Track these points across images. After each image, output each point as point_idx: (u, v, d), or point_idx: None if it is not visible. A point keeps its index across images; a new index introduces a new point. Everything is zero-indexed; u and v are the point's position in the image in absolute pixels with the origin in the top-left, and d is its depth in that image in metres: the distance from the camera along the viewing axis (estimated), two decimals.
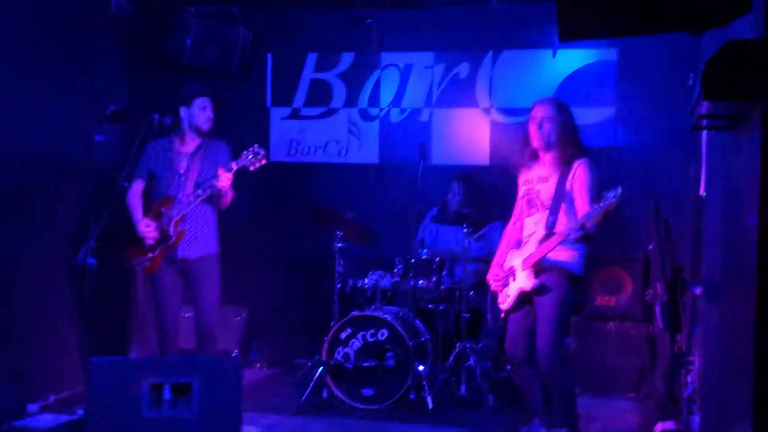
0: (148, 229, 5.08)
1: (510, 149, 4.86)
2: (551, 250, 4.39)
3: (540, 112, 4.58)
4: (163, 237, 5.09)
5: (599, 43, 6.47)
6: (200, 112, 5.18)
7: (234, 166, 5.06)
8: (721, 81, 2.34)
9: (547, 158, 4.60)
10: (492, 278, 4.76)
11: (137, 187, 5.24)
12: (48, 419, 4.91)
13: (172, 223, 5.07)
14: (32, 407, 5.10)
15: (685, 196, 5.70)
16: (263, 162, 5.11)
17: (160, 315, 5.24)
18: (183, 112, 5.19)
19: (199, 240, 5.19)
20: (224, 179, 5.01)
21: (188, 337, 5.70)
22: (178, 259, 5.14)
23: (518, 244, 4.68)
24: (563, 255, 4.45)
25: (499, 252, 4.81)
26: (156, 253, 5.10)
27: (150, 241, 5.09)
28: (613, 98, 6.56)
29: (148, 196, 5.28)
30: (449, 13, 6.83)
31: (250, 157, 5.08)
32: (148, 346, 6.24)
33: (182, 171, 5.18)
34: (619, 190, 4.08)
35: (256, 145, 5.13)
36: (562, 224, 4.43)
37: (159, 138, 5.25)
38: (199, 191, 5.06)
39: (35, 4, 5.32)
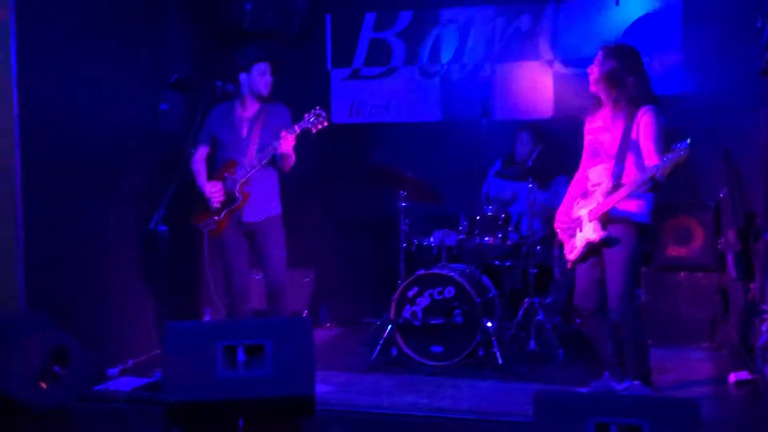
0: (214, 190, 5.16)
1: (574, 100, 4.77)
2: (618, 202, 4.33)
3: (595, 59, 4.54)
4: (229, 199, 5.17)
5: None
6: (260, 77, 5.21)
7: (297, 128, 5.09)
8: None
9: (608, 106, 4.52)
10: (558, 225, 4.73)
11: (201, 153, 5.34)
12: (128, 382, 5.05)
13: (238, 185, 5.14)
14: (112, 371, 5.26)
15: (757, 141, 5.54)
16: (325, 124, 5.13)
17: (228, 276, 5.34)
18: (243, 78, 5.22)
19: (263, 203, 5.25)
20: (287, 141, 5.05)
21: (260, 299, 5.80)
22: (243, 222, 5.22)
23: (584, 194, 4.63)
24: (630, 205, 4.39)
25: (565, 201, 4.77)
26: (221, 216, 5.19)
27: (216, 204, 5.18)
28: (679, 44, 6.38)
29: (211, 161, 5.36)
30: None
31: (312, 119, 5.11)
32: (219, 310, 6.36)
33: (244, 135, 5.23)
34: (687, 142, 3.97)
35: (318, 107, 5.15)
36: (630, 174, 4.35)
37: (221, 103, 5.32)
38: (262, 154, 5.12)
39: None
